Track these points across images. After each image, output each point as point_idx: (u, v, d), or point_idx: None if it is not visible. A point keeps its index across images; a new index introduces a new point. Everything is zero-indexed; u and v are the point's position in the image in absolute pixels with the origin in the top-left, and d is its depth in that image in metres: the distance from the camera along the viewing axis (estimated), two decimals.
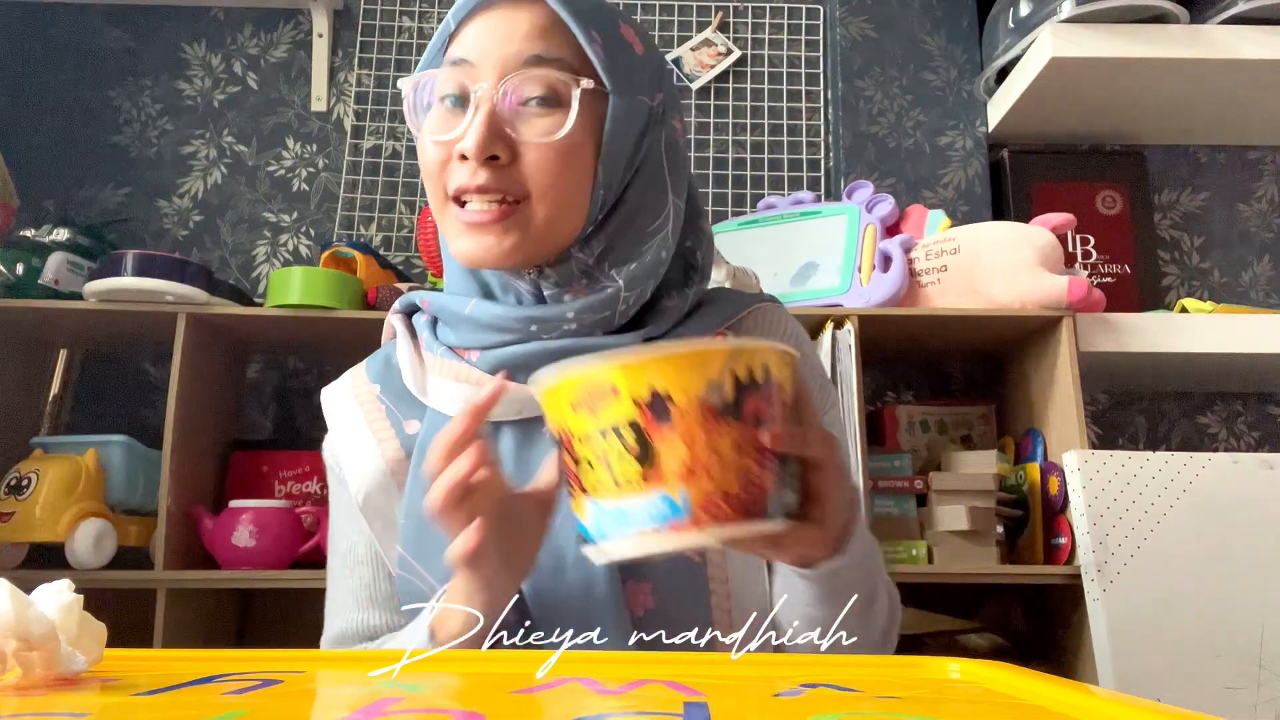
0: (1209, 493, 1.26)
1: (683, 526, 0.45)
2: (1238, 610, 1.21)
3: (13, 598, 0.31)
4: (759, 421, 0.47)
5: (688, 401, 0.45)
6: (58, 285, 1.40)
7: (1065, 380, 1.39)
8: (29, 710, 0.27)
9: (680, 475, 0.45)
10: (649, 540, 0.46)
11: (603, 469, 0.47)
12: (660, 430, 0.45)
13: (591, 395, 0.47)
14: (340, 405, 0.75)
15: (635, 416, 0.46)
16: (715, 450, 0.46)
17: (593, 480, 0.47)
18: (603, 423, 0.46)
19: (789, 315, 0.77)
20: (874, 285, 1.49)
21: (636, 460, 0.46)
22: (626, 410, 0.46)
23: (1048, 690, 0.31)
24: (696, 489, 0.45)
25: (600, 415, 0.46)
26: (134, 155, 1.75)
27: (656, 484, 0.45)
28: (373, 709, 0.27)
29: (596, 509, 0.48)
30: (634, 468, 0.46)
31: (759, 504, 0.47)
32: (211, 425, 1.48)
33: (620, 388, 0.46)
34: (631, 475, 0.46)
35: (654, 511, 0.45)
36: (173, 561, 1.31)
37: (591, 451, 0.47)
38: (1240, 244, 1.80)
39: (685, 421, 0.45)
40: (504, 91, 0.63)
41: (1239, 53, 1.52)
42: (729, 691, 0.33)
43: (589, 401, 0.47)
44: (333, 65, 1.79)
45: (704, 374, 0.46)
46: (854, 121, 1.74)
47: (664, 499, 0.45)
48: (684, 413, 0.45)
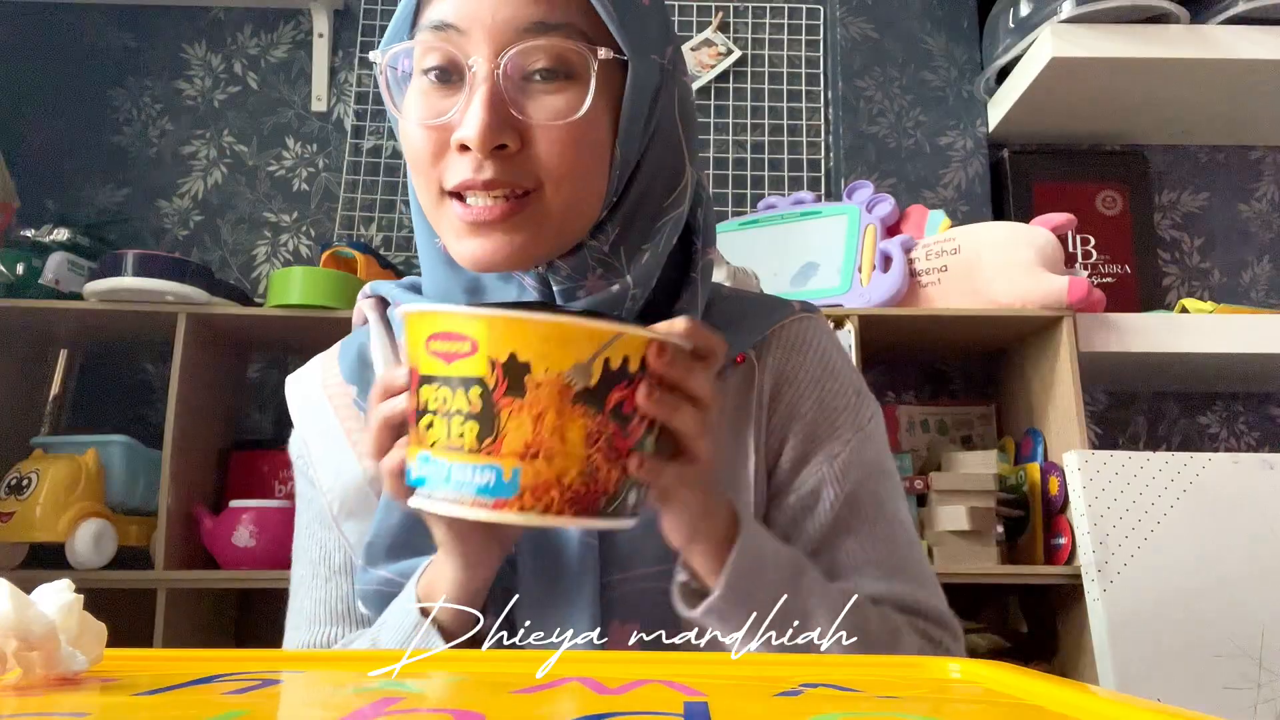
0: (1209, 493, 1.26)
1: (506, 505, 0.43)
2: (1238, 610, 1.21)
3: (13, 598, 0.31)
4: (620, 416, 0.45)
5: (546, 378, 0.43)
6: (58, 285, 1.40)
7: (1065, 380, 1.39)
8: (29, 710, 0.27)
9: (518, 453, 0.43)
10: (467, 508, 0.44)
11: (441, 422, 0.44)
12: (509, 400, 0.43)
13: (448, 340, 0.43)
14: (311, 405, 0.68)
15: (487, 378, 0.43)
16: (562, 436, 0.43)
17: (429, 429, 0.45)
18: (453, 373, 0.43)
19: (824, 327, 0.68)
20: (874, 285, 1.49)
21: (477, 423, 0.43)
22: (479, 368, 0.43)
23: (1048, 690, 0.31)
24: (531, 470, 0.43)
25: (453, 365, 0.43)
26: (134, 155, 1.75)
27: (491, 455, 0.43)
28: (373, 709, 0.27)
29: (426, 460, 0.45)
30: (473, 430, 0.43)
31: (593, 501, 0.45)
32: (211, 425, 1.48)
33: (480, 342, 0.43)
34: (469, 438, 0.43)
35: (481, 481, 0.43)
36: (173, 561, 1.31)
37: (434, 399, 0.44)
38: (1240, 244, 1.80)
39: (538, 398, 0.43)
40: (504, 65, 0.53)
41: (1239, 53, 1.52)
42: (729, 691, 0.33)
43: (444, 346, 0.44)
44: (333, 65, 1.79)
45: (573, 352, 0.43)
46: (854, 121, 1.74)
47: (495, 472, 0.43)
48: (539, 389, 0.43)
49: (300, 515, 0.69)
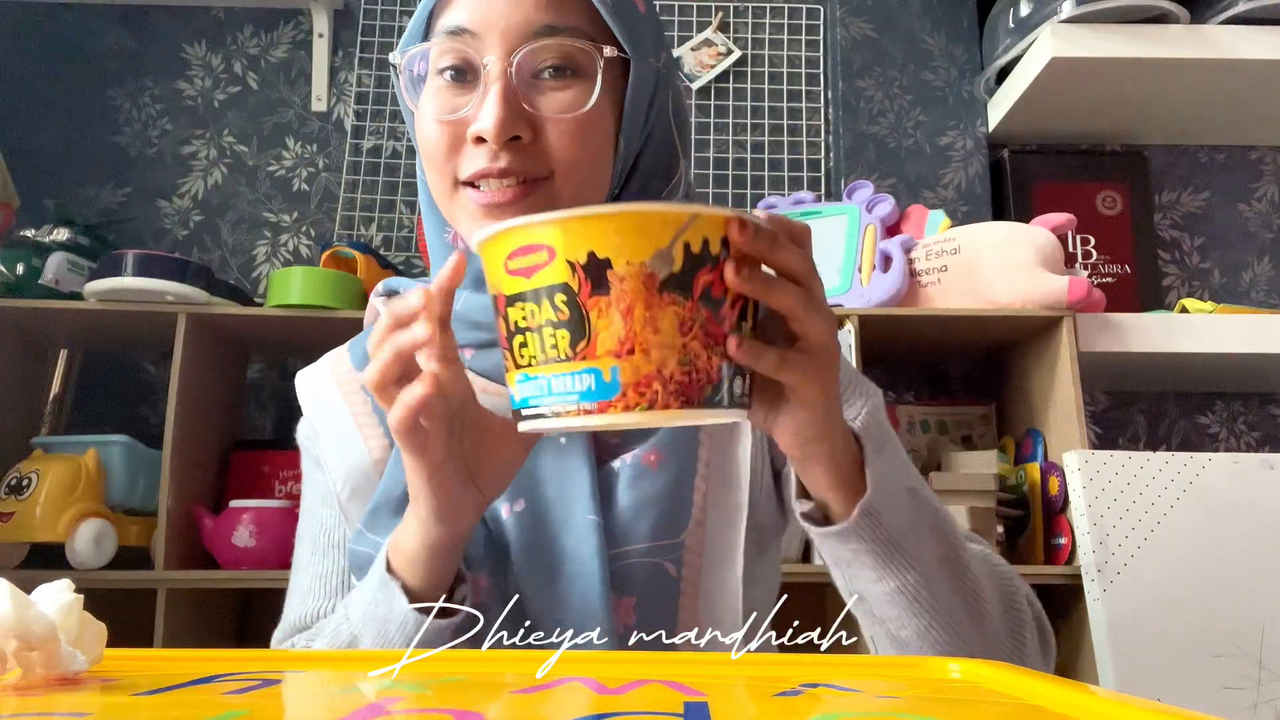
0: (1209, 493, 1.26)
1: (610, 406, 0.42)
2: (1238, 610, 1.21)
3: (13, 598, 0.31)
4: (710, 301, 0.43)
5: (629, 270, 0.42)
6: (58, 285, 1.40)
7: (1065, 380, 1.39)
8: (29, 710, 0.27)
9: (613, 351, 0.42)
10: (574, 417, 0.43)
11: (533, 338, 0.43)
12: (595, 300, 0.42)
13: (526, 254, 0.43)
14: (320, 391, 0.70)
15: (569, 281, 0.42)
16: (655, 327, 0.42)
17: (523, 349, 0.44)
18: (536, 285, 0.43)
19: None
20: (874, 285, 1.49)
21: (568, 330, 0.42)
22: (560, 274, 0.42)
23: (1048, 690, 0.31)
24: (629, 367, 0.42)
25: (534, 277, 0.43)
26: (134, 155, 1.75)
27: (587, 358, 0.42)
28: (373, 709, 0.27)
29: (525, 380, 0.44)
30: (565, 338, 0.42)
31: (699, 390, 0.43)
32: (211, 425, 1.48)
33: (556, 248, 0.42)
34: (562, 346, 0.43)
35: (582, 387, 0.42)
36: (173, 561, 1.31)
37: (523, 317, 0.44)
38: (1240, 244, 1.80)
39: (624, 292, 0.42)
40: (516, 63, 0.57)
41: (1239, 53, 1.52)
42: (729, 691, 0.33)
43: (523, 262, 0.43)
44: (333, 65, 1.79)
45: (652, 241, 0.42)
46: (854, 121, 1.74)
47: (593, 375, 0.42)
48: (624, 282, 0.41)
49: (305, 498, 0.71)
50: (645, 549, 0.61)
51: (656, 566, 0.60)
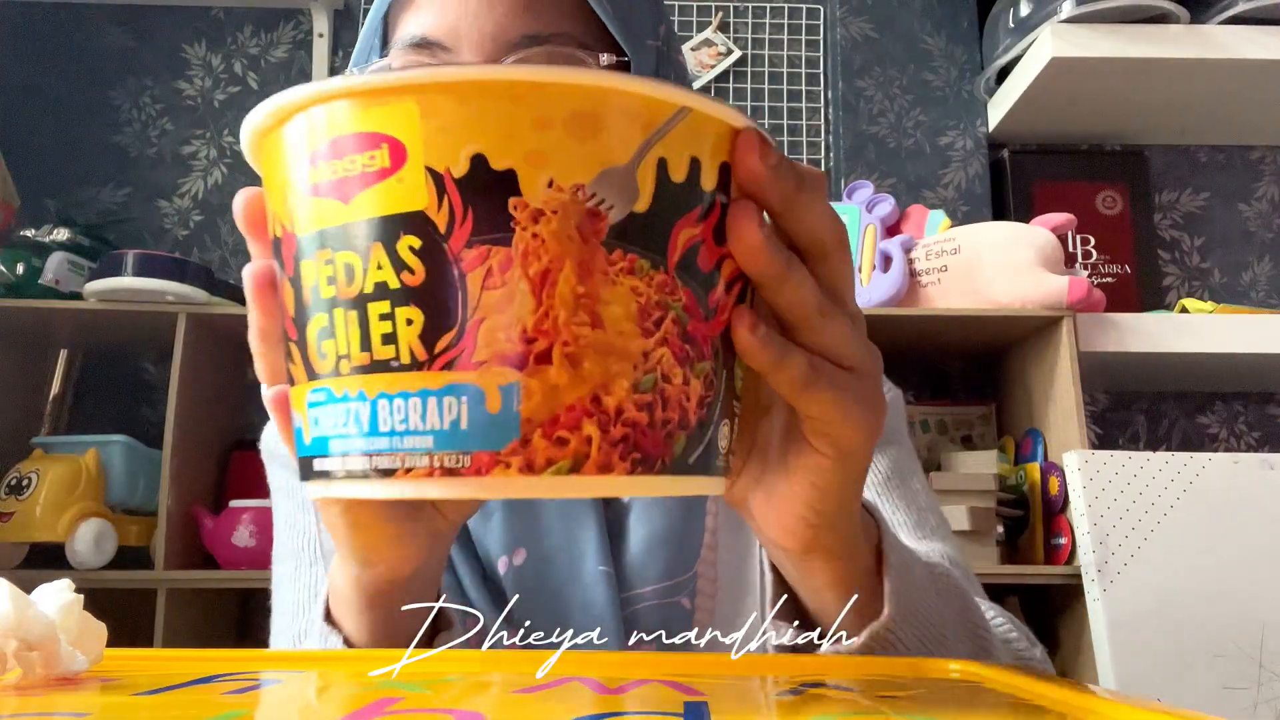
0: (1209, 493, 1.26)
1: (498, 462, 0.23)
2: (1238, 610, 1.21)
3: (13, 597, 0.31)
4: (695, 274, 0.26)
5: (552, 199, 0.23)
6: (58, 285, 1.40)
7: (1065, 380, 1.39)
8: (29, 710, 0.27)
9: (510, 355, 0.23)
10: (418, 479, 0.24)
11: (344, 318, 0.24)
12: (480, 251, 0.23)
13: (345, 154, 0.24)
14: None
15: (428, 211, 0.23)
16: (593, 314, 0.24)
17: (321, 339, 0.25)
18: (356, 215, 0.24)
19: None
20: (874, 285, 1.49)
21: (419, 306, 0.24)
22: (413, 195, 0.23)
23: (1048, 690, 0.31)
24: (539, 387, 0.23)
25: (357, 201, 0.24)
26: (134, 155, 1.75)
27: (456, 365, 0.23)
28: (373, 709, 0.27)
29: (323, 400, 0.25)
30: (413, 322, 0.24)
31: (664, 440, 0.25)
32: (211, 425, 1.48)
33: (406, 140, 0.23)
34: (404, 339, 0.24)
35: (442, 423, 0.23)
36: (173, 561, 1.31)
37: (326, 279, 0.24)
38: (1240, 244, 1.80)
39: (542, 241, 0.23)
40: None
41: (1239, 53, 1.52)
42: (729, 691, 0.33)
43: (337, 169, 0.24)
44: (333, 65, 1.79)
45: (601, 145, 0.24)
46: (854, 121, 1.74)
47: (468, 397, 0.23)
48: (542, 222, 0.23)
49: (279, 511, 0.63)
50: (659, 590, 0.56)
51: (672, 606, 0.55)
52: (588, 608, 0.54)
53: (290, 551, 0.61)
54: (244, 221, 0.30)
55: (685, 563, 0.56)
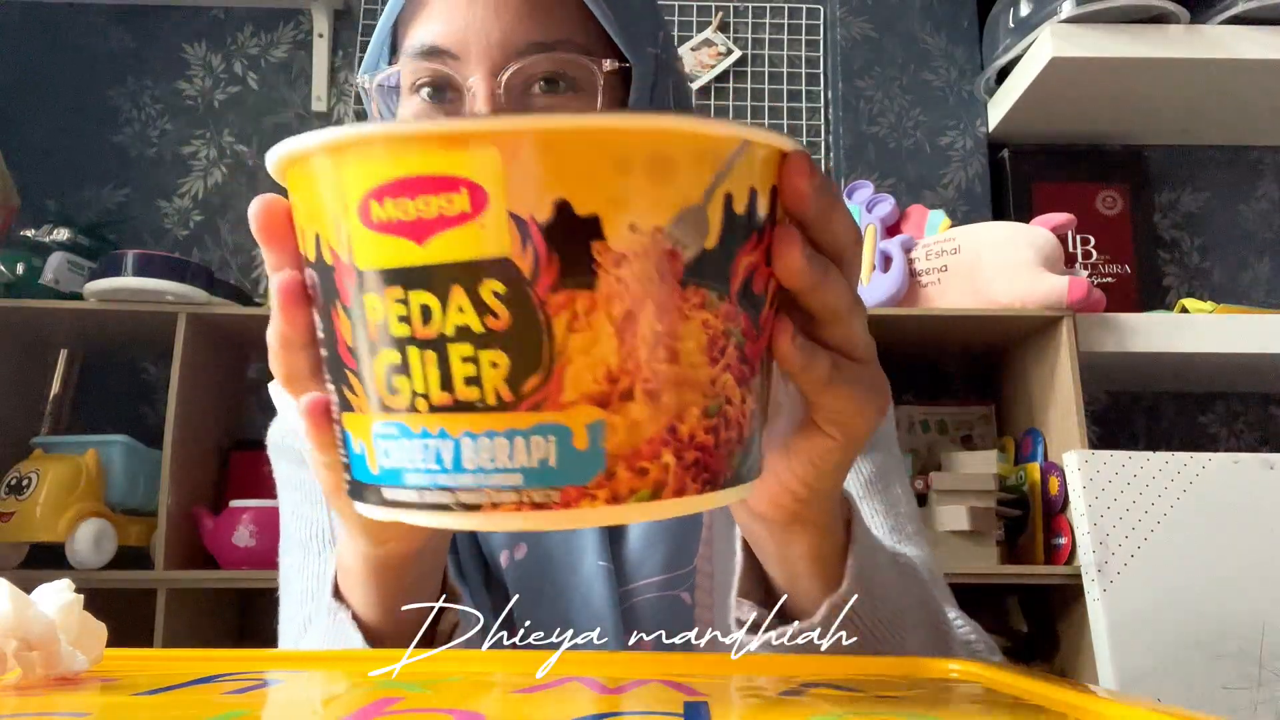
0: (1209, 493, 1.26)
1: (585, 496, 0.24)
2: (1238, 610, 1.21)
3: (13, 597, 0.31)
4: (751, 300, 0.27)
5: (635, 241, 0.24)
6: (58, 285, 1.40)
7: (1065, 380, 1.39)
8: (29, 710, 0.27)
9: (594, 396, 0.24)
10: (507, 512, 0.24)
11: (422, 359, 0.24)
12: (567, 296, 0.23)
13: (417, 190, 0.23)
14: None
15: (513, 256, 0.23)
16: (673, 351, 0.25)
17: (394, 376, 0.25)
18: (438, 258, 0.23)
19: None
20: (874, 285, 1.49)
21: (504, 350, 0.24)
22: (497, 240, 0.23)
23: (1048, 690, 0.31)
24: (623, 425, 0.24)
25: (434, 243, 0.23)
26: (134, 155, 1.75)
27: (544, 406, 0.24)
28: (373, 709, 0.27)
29: (394, 434, 0.25)
30: (497, 369, 0.24)
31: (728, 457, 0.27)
32: (211, 425, 1.48)
33: (488, 185, 0.23)
34: (490, 382, 0.24)
35: (531, 461, 0.24)
36: (173, 561, 1.31)
37: (396, 317, 0.24)
38: (1240, 244, 1.80)
39: (625, 283, 0.24)
40: (504, 84, 0.50)
41: (1239, 53, 1.52)
42: (729, 691, 0.33)
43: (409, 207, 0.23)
44: (333, 65, 1.79)
45: (678, 188, 0.24)
46: (854, 121, 1.74)
47: (556, 436, 0.24)
48: (625, 264, 0.24)
49: (286, 504, 0.64)
50: (658, 582, 0.56)
51: (672, 600, 0.56)
52: (587, 602, 0.55)
53: (298, 543, 0.62)
54: (262, 231, 0.30)
55: (684, 557, 0.57)
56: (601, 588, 0.55)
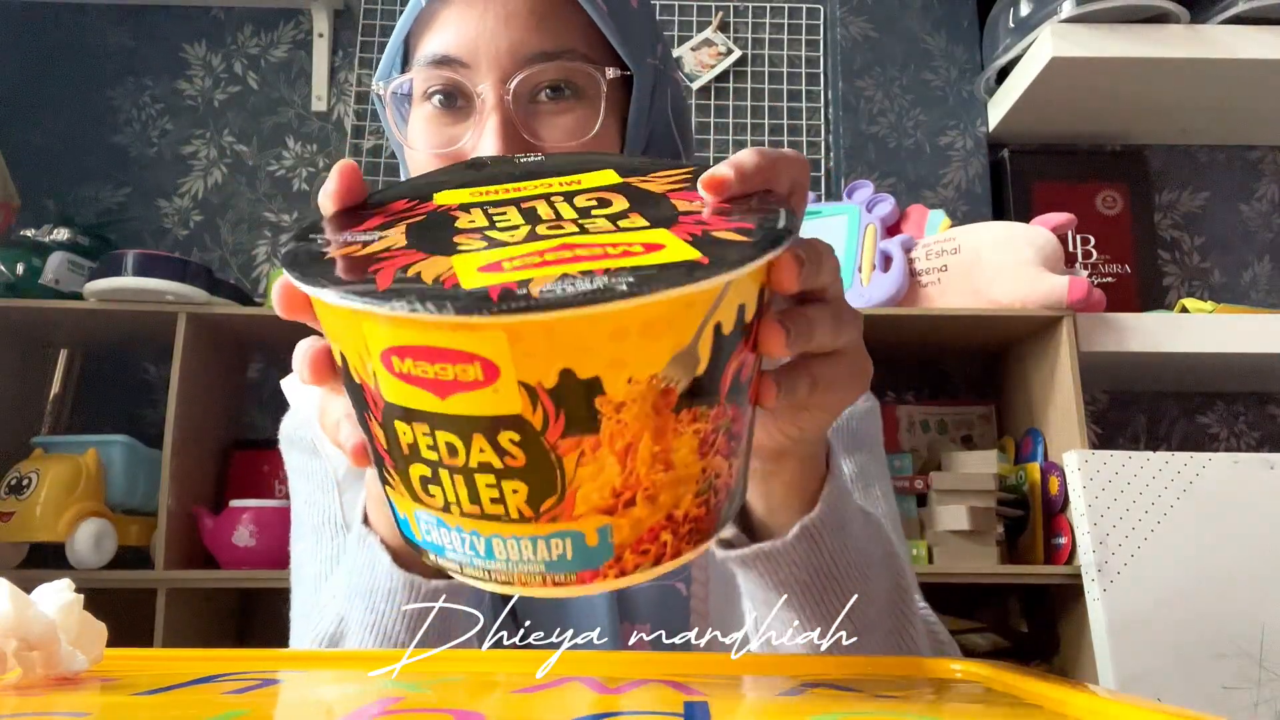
0: (1209, 493, 1.26)
1: (598, 576, 0.29)
2: (1238, 610, 1.21)
3: (13, 597, 0.31)
4: (738, 390, 0.30)
5: (633, 392, 0.27)
6: (58, 285, 1.40)
7: (1065, 380, 1.39)
8: (29, 709, 0.27)
9: (603, 508, 0.28)
10: (535, 587, 0.29)
11: (451, 480, 0.28)
12: (575, 442, 0.27)
13: (434, 360, 0.26)
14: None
15: (526, 415, 0.26)
16: (667, 462, 0.28)
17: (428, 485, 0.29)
18: (457, 412, 0.26)
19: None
20: (874, 285, 1.49)
21: (523, 482, 0.27)
22: (509, 403, 0.26)
23: (1048, 690, 0.31)
24: (627, 524, 0.28)
25: (454, 400, 0.26)
26: (134, 155, 1.75)
27: (559, 519, 0.28)
28: (373, 709, 0.27)
29: (435, 524, 0.30)
30: (518, 495, 0.27)
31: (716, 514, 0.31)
32: (211, 425, 1.48)
33: (500, 364, 0.25)
34: (513, 503, 0.28)
35: (551, 556, 0.29)
36: (173, 561, 1.31)
37: (427, 446, 0.28)
38: (1241, 244, 1.80)
39: (623, 426, 0.27)
40: (513, 91, 0.53)
41: (1239, 53, 1.52)
42: (729, 692, 0.33)
43: (428, 369, 0.26)
44: (333, 65, 1.79)
45: (670, 340, 0.27)
46: (854, 121, 1.74)
47: (570, 539, 0.28)
48: (623, 410, 0.27)
49: (298, 492, 0.65)
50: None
51: (668, 589, 0.57)
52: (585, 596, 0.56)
53: (310, 528, 0.63)
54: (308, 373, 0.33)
55: None
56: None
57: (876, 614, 0.46)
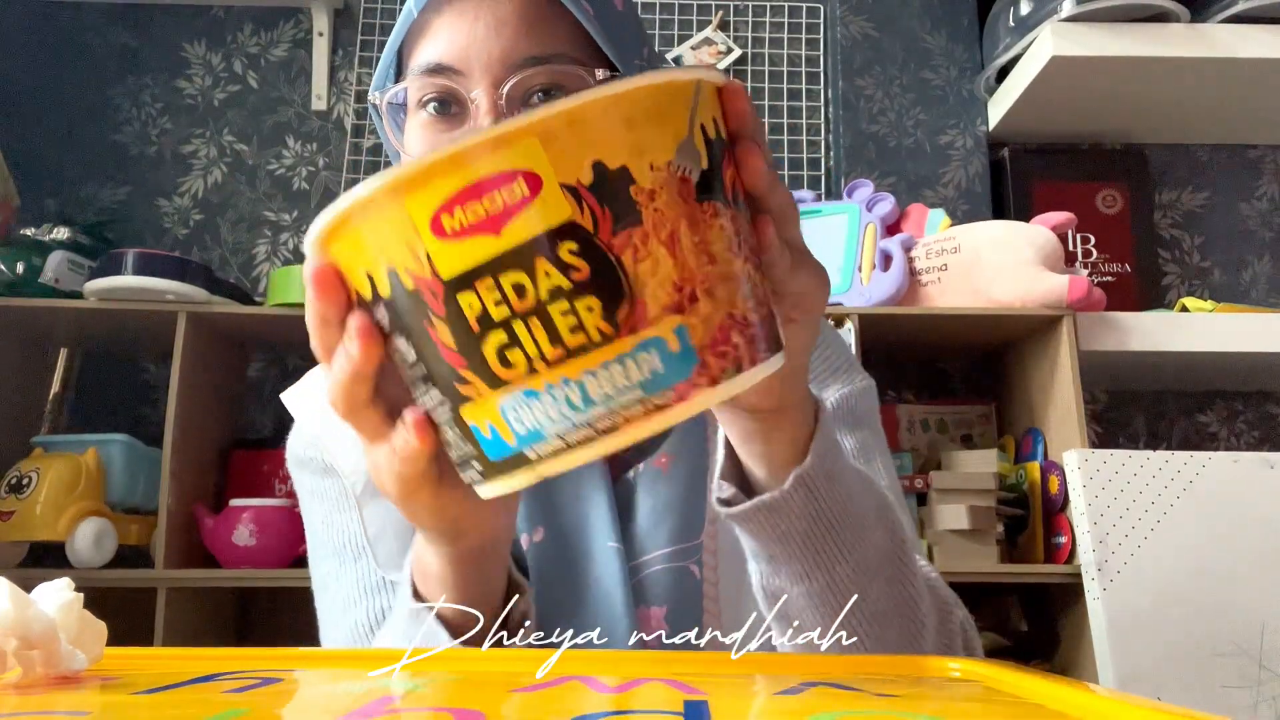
0: (1209, 492, 1.26)
1: (694, 387, 0.30)
2: (1238, 610, 1.21)
3: (13, 596, 0.31)
4: (738, 204, 0.33)
5: (658, 178, 0.30)
6: (58, 284, 1.40)
7: (1065, 379, 1.39)
8: (29, 709, 0.27)
9: (671, 305, 0.30)
10: (638, 423, 0.30)
11: (525, 328, 0.29)
12: (625, 236, 0.29)
13: (478, 196, 0.28)
14: (314, 403, 0.65)
15: (577, 217, 0.29)
16: (709, 253, 0.31)
17: (505, 352, 0.29)
18: (515, 240, 0.28)
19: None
20: (874, 284, 1.49)
21: (594, 294, 0.29)
22: (559, 210, 0.28)
23: (1048, 690, 0.31)
24: (698, 321, 0.30)
25: (509, 230, 0.28)
26: (134, 154, 1.75)
27: (638, 328, 0.29)
28: (372, 708, 0.27)
29: (524, 400, 0.30)
30: (594, 311, 0.29)
31: (770, 330, 0.33)
32: (211, 425, 1.48)
33: (540, 169, 0.28)
34: (591, 322, 0.29)
35: (644, 374, 0.29)
36: (173, 561, 1.31)
37: (495, 302, 0.29)
38: (1241, 243, 1.80)
39: (662, 211, 0.30)
40: (506, 95, 0.54)
41: (1239, 52, 1.52)
42: (729, 691, 0.33)
43: (478, 211, 0.28)
44: (333, 64, 1.79)
45: (671, 127, 0.30)
46: (854, 120, 1.74)
47: (656, 348, 0.29)
48: (657, 197, 0.30)
49: (313, 515, 0.66)
50: (667, 554, 0.59)
51: (681, 571, 0.59)
52: (600, 580, 0.58)
53: (331, 551, 0.63)
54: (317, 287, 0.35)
55: (691, 530, 0.60)
56: (613, 567, 0.58)
57: (876, 561, 0.48)
